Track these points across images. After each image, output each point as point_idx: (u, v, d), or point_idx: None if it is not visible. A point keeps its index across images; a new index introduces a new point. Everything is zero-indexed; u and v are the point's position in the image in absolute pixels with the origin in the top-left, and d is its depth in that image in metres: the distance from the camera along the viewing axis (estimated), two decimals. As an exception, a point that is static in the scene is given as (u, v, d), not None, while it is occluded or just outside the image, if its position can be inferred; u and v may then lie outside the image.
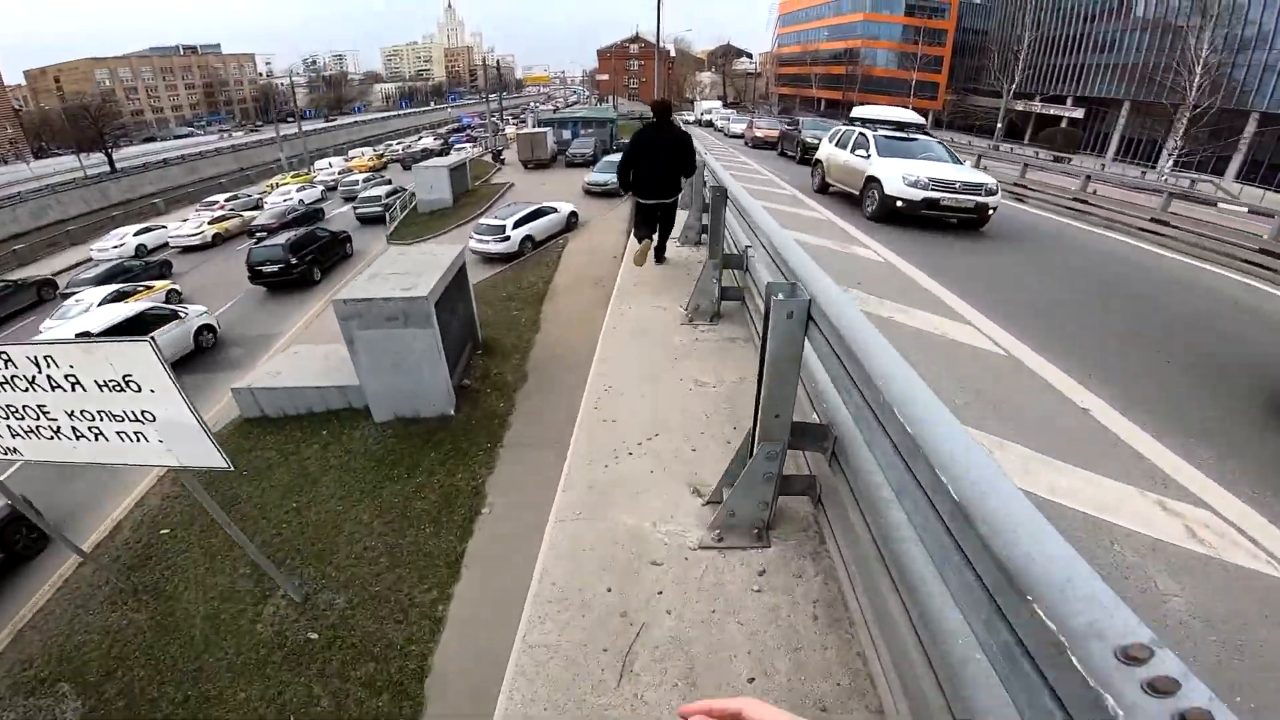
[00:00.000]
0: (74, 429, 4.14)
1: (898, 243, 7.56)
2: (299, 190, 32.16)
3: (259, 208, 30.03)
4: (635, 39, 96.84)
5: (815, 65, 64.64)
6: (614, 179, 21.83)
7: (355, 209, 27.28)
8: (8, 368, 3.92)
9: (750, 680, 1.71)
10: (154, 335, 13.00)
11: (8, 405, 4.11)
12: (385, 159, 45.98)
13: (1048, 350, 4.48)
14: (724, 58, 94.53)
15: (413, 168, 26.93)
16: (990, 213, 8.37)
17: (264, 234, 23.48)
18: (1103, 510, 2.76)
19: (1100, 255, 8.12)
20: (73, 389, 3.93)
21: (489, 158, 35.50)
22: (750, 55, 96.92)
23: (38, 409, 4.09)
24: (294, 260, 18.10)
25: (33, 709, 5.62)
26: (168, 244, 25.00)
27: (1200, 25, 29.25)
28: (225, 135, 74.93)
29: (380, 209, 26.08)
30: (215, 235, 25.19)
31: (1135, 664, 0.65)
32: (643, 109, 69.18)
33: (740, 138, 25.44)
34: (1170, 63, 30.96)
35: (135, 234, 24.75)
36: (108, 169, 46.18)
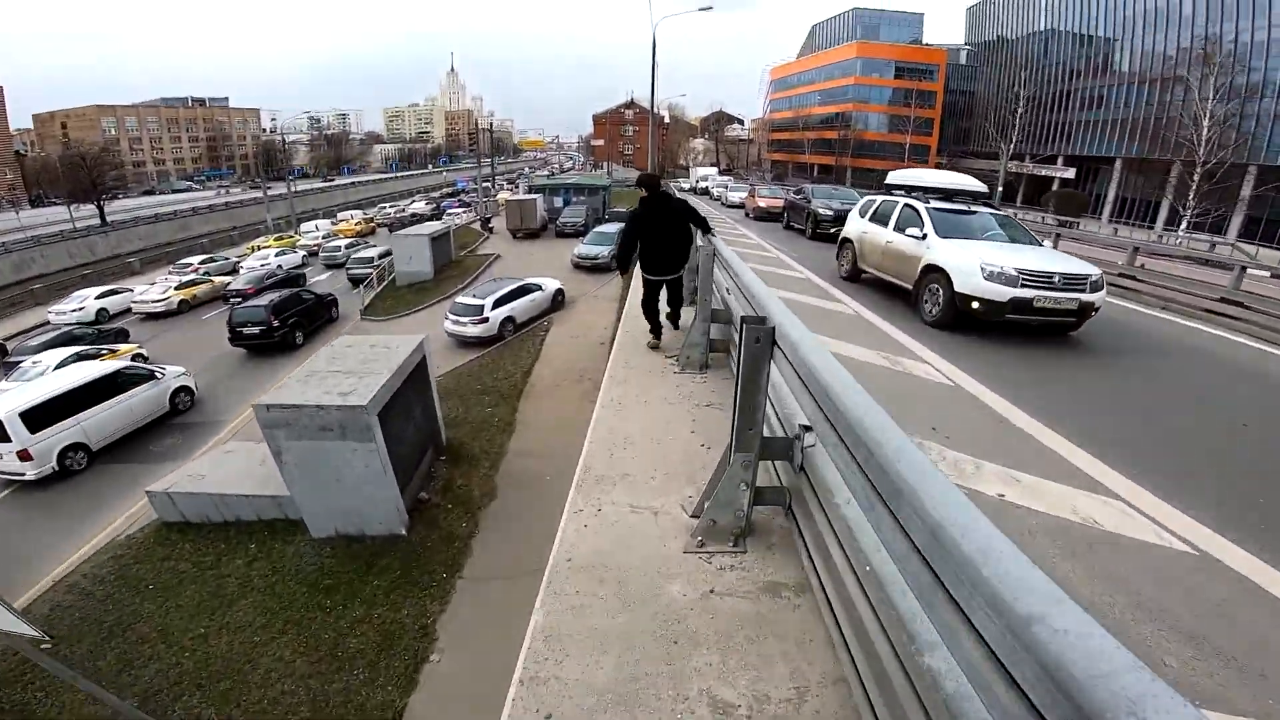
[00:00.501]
0: None
1: (962, 354, 5.89)
2: (278, 255, 30.94)
3: (235, 272, 28.80)
4: (630, 104, 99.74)
5: (807, 130, 65.86)
6: (605, 251, 20.64)
7: (348, 270, 27.14)
8: None
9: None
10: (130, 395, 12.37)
11: None
12: (375, 223, 45.09)
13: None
14: (717, 124, 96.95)
15: (392, 236, 25.54)
16: (1093, 314, 6.41)
17: (238, 299, 22.64)
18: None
19: (1207, 356, 6.54)
20: None
21: (477, 225, 34.55)
22: (742, 121, 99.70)
23: None
24: (276, 322, 17.75)
25: None
26: (130, 309, 23.55)
27: (1203, 75, 28.00)
28: (223, 191, 74.72)
29: (372, 270, 25.32)
30: (181, 302, 23.73)
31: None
32: (636, 176, 70.20)
33: (739, 207, 23.96)
34: (1172, 116, 29.69)
35: (97, 297, 23.47)
36: (98, 221, 44.86)
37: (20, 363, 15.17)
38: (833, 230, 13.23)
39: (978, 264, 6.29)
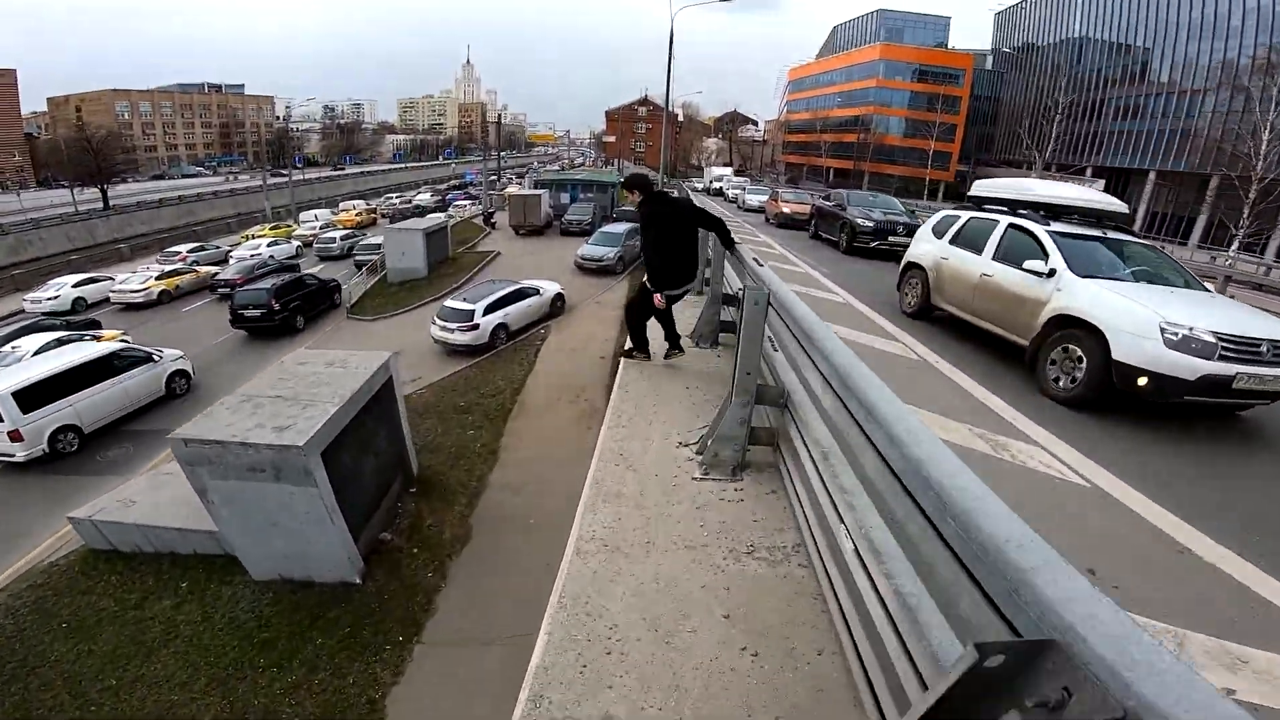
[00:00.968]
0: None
1: (1094, 437, 4.27)
2: (270, 245, 29.69)
3: (225, 262, 27.60)
4: (644, 101, 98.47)
5: (825, 132, 64.30)
6: (611, 252, 19.05)
7: (355, 258, 26.91)
8: None
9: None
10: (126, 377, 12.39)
11: None
12: (379, 213, 44.04)
13: None
14: (731, 124, 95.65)
15: (384, 230, 24.13)
16: None
17: (226, 289, 22.11)
18: None
19: None
20: None
21: (480, 220, 33.17)
22: (756, 122, 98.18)
23: None
24: (277, 306, 18.02)
25: None
26: (109, 299, 22.31)
27: (1264, 85, 25.55)
28: (231, 178, 73.88)
29: (380, 257, 24.33)
30: (162, 292, 22.47)
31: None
32: (648, 172, 68.75)
33: (758, 212, 22.04)
34: (1229, 129, 27.80)
35: (75, 285, 22.32)
36: (100, 205, 44.43)
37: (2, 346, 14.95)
38: (873, 245, 11.73)
39: (1156, 322, 4.34)
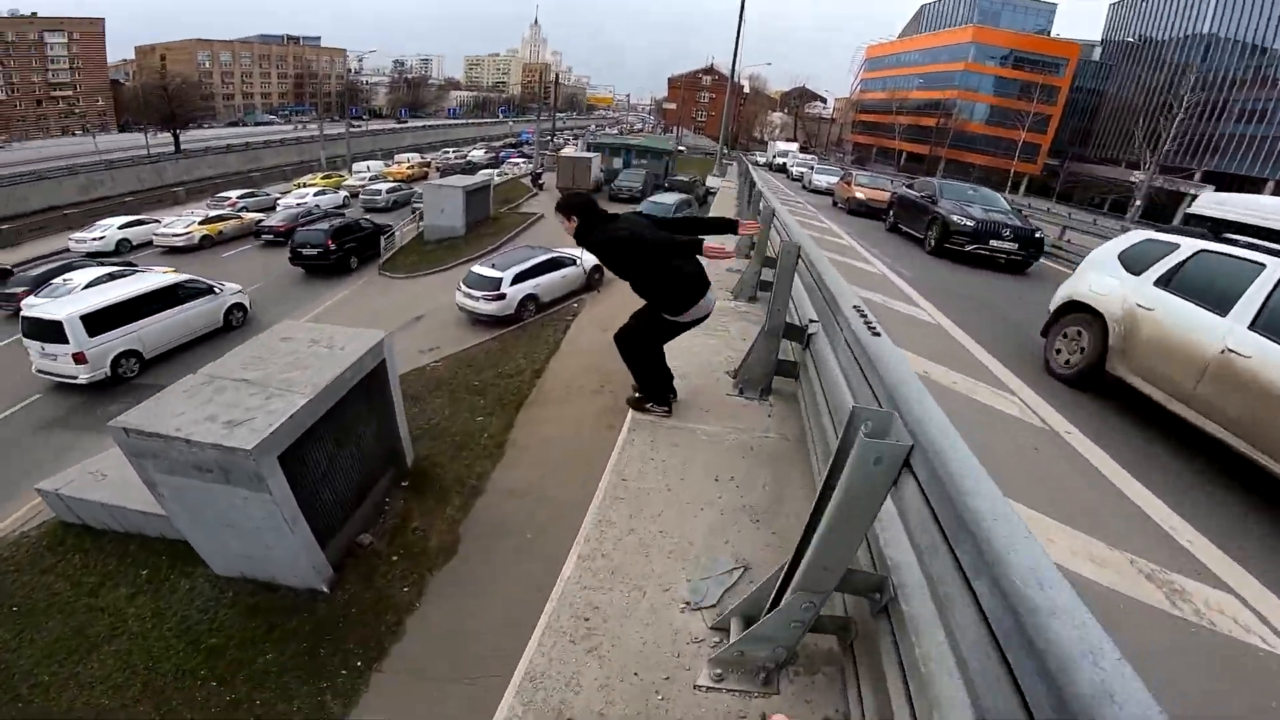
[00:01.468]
0: None
1: None
2: (316, 194, 29.42)
3: (273, 209, 27.53)
4: (709, 70, 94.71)
5: (900, 114, 60.02)
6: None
7: (412, 205, 27.33)
8: None
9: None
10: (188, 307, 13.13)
11: None
12: (433, 167, 44.06)
13: None
14: (798, 99, 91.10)
15: (424, 185, 23.32)
16: None
17: (269, 235, 22.68)
18: None
19: None
20: None
21: (527, 180, 32.09)
22: (825, 100, 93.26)
23: None
24: (334, 246, 18.89)
25: None
26: (152, 242, 22.43)
27: None
28: (300, 127, 75.40)
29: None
30: (204, 237, 22.45)
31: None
32: (707, 144, 65.82)
33: (825, 194, 19.68)
34: None
35: (120, 227, 22.38)
36: (172, 149, 46.20)
37: (51, 279, 15.25)
38: (969, 248, 9.84)
39: None
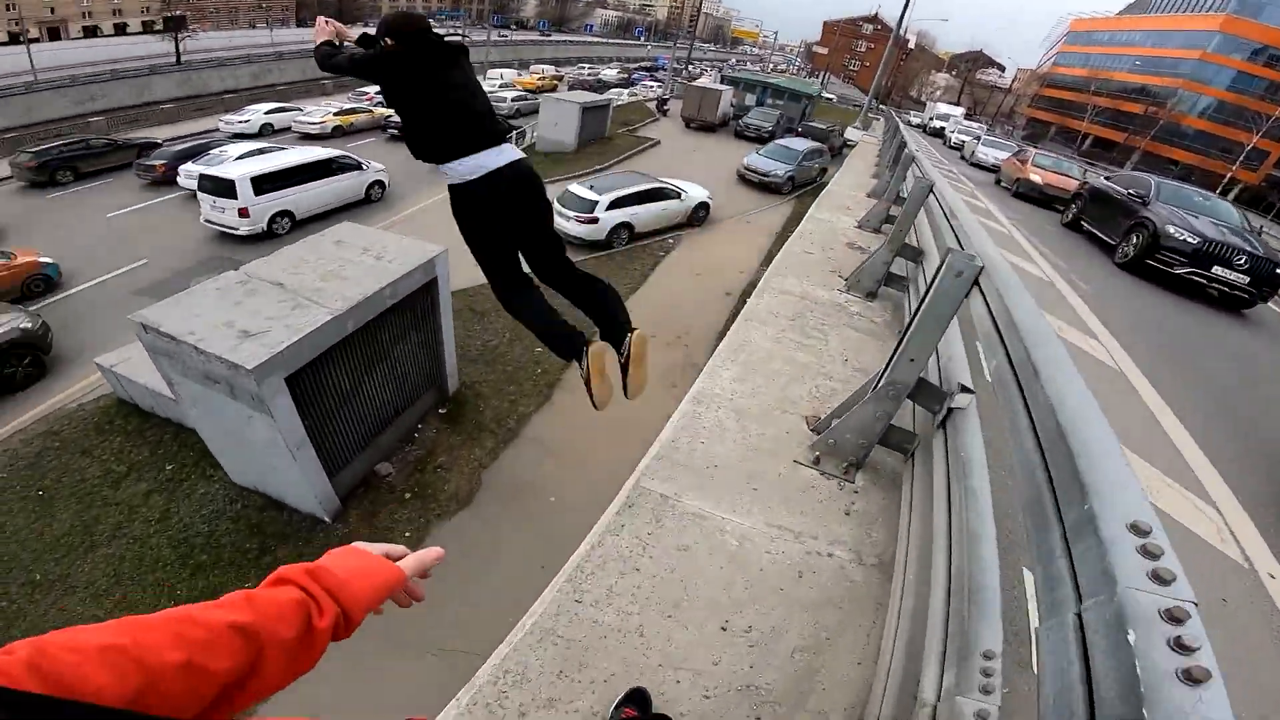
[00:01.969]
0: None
1: None
2: (443, 95, 29.46)
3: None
4: (873, 18, 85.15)
5: (1098, 95, 50.96)
6: (782, 169, 13.52)
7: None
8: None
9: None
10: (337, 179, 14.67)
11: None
12: (565, 80, 43.46)
13: None
14: (971, 64, 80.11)
15: (542, 98, 22.30)
16: None
17: (394, 131, 23.43)
18: None
19: None
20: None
21: (653, 104, 30.16)
22: (1003, 68, 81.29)
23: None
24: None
25: None
26: (290, 128, 24.04)
27: None
28: (451, 32, 77.40)
29: None
30: (336, 128, 23.86)
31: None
32: (855, 95, 59.47)
33: (991, 170, 16.66)
34: None
35: (267, 112, 24.21)
36: None
37: (196, 155, 16.79)
38: (1179, 271, 7.36)
39: None
